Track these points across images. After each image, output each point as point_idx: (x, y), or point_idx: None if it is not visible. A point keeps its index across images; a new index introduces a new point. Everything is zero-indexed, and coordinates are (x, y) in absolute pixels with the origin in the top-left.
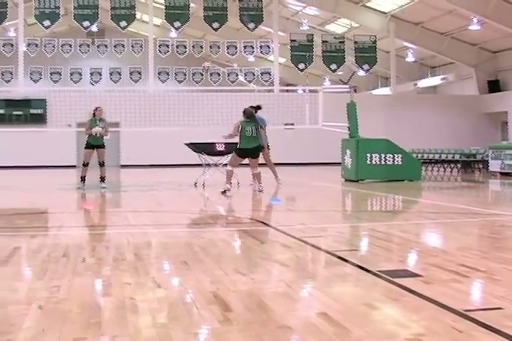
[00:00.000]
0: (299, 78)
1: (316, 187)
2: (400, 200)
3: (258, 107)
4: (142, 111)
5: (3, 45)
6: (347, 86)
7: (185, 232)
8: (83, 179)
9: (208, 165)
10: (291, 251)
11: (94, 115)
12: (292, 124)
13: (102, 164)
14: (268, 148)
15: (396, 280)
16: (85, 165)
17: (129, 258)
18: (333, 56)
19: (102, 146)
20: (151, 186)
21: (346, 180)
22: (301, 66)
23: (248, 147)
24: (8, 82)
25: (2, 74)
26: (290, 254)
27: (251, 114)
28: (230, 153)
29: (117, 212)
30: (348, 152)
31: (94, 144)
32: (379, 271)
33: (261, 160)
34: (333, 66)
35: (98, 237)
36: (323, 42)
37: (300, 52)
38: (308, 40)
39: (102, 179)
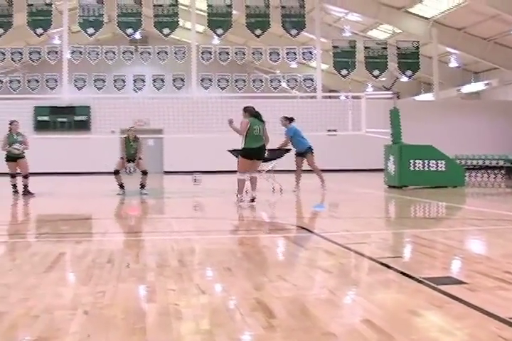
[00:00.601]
0: (342, 84)
1: (359, 193)
2: (443, 207)
3: (291, 119)
4: (185, 118)
5: (48, 53)
6: (390, 92)
7: (229, 239)
8: (121, 186)
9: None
10: (335, 258)
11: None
12: (335, 131)
13: (144, 173)
14: (312, 153)
15: (440, 287)
16: (116, 173)
17: (173, 264)
18: (376, 62)
19: (140, 157)
20: (194, 192)
21: (389, 186)
22: (344, 72)
23: (254, 146)
24: (52, 89)
25: (47, 82)
26: (333, 261)
27: (255, 112)
28: (273, 159)
29: (161, 219)
30: (391, 158)
31: (131, 159)
32: (423, 278)
33: (305, 166)
34: (376, 72)
35: (142, 243)
36: (365, 48)
37: (342, 59)
38: (350, 47)
39: (142, 186)
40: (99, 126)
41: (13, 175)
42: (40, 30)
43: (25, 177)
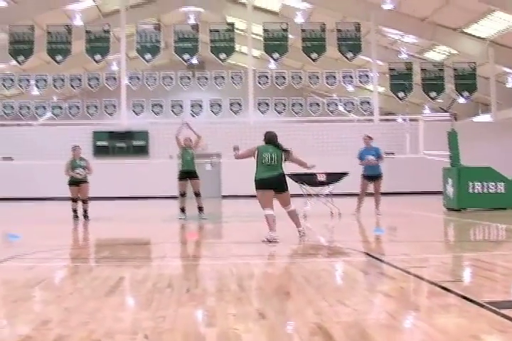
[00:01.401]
0: (399, 107)
1: (417, 216)
2: (503, 229)
3: (370, 138)
4: (243, 142)
5: (107, 79)
6: (447, 114)
7: (288, 263)
8: (183, 210)
9: (309, 195)
10: (395, 282)
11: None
12: (392, 153)
13: (197, 194)
14: (381, 177)
15: (502, 311)
16: (183, 195)
17: (232, 288)
18: (433, 84)
19: (196, 176)
20: (252, 216)
21: (448, 209)
22: (401, 95)
23: (266, 177)
24: (111, 114)
25: (105, 107)
26: (393, 285)
27: (271, 138)
28: (331, 183)
29: (220, 243)
30: (450, 181)
31: (188, 175)
32: (484, 302)
33: (358, 189)
34: (433, 94)
35: (201, 268)
36: (422, 70)
37: (399, 81)
38: (407, 69)
39: (200, 209)
40: (157, 150)
41: (74, 200)
42: (98, 57)
43: (85, 201)
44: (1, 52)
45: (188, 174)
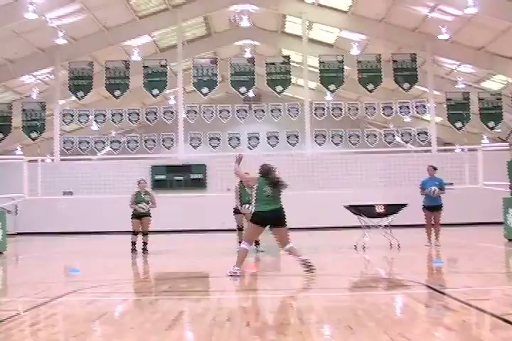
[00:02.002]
0: (457, 137)
1: (478, 247)
2: None
3: (435, 168)
4: (300, 174)
5: (164, 113)
6: (506, 143)
7: (348, 296)
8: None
9: (368, 227)
10: (457, 315)
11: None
12: (451, 184)
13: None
14: (441, 208)
15: None
16: (240, 229)
17: (293, 322)
18: (491, 113)
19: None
20: (311, 249)
21: (509, 239)
22: (459, 125)
23: (266, 210)
24: (169, 148)
25: (163, 141)
26: (455, 318)
27: (267, 171)
28: (390, 215)
29: (279, 276)
30: (511, 211)
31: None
32: None
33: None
34: (491, 124)
35: (261, 301)
36: (479, 99)
37: (457, 111)
38: (464, 99)
39: (257, 242)
40: (215, 184)
41: (135, 233)
42: (156, 91)
43: (145, 234)
44: (61, 89)
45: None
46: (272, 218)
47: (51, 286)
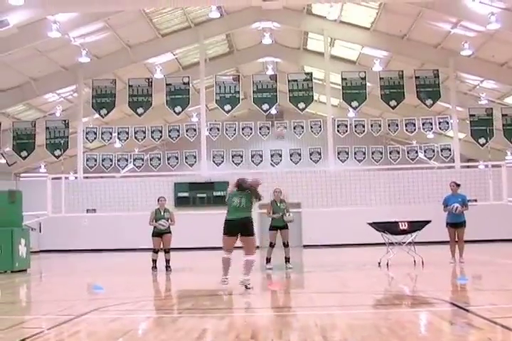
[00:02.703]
0: (480, 153)
1: (502, 264)
2: None
3: (458, 185)
4: (323, 191)
5: (187, 130)
6: None
7: (372, 313)
8: (269, 260)
9: (392, 243)
10: (482, 333)
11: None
12: (475, 200)
13: (286, 245)
14: (464, 225)
15: None
16: (272, 246)
17: (317, 340)
18: None
19: (286, 227)
20: (334, 266)
21: None
22: (482, 141)
23: (234, 218)
24: (191, 165)
25: (186, 158)
26: (480, 336)
27: (239, 184)
28: (413, 231)
29: (302, 293)
30: None
31: (278, 225)
32: None
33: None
34: None
35: (284, 319)
36: (503, 115)
37: (480, 127)
38: (487, 114)
39: (287, 259)
40: None
41: (155, 250)
42: (178, 109)
43: (167, 251)
44: (85, 106)
45: (278, 226)
46: (239, 226)
47: (74, 304)
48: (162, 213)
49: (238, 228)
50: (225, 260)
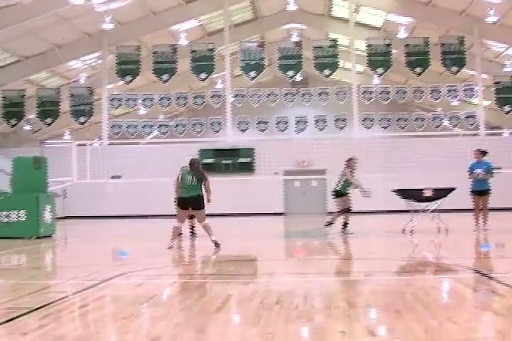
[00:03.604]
0: (505, 121)
1: None
2: None
3: (484, 152)
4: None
5: (212, 97)
6: None
7: (396, 280)
8: (346, 225)
9: (416, 211)
10: (505, 300)
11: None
12: (500, 168)
13: (345, 211)
14: (489, 193)
15: None
16: (349, 211)
17: (341, 305)
18: None
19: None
20: (358, 233)
21: None
22: (507, 108)
23: (183, 196)
24: (216, 132)
25: (211, 125)
26: (503, 303)
27: (191, 164)
28: (438, 199)
29: (327, 259)
30: None
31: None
32: None
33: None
34: None
35: (310, 285)
36: None
37: (505, 94)
38: None
39: (345, 225)
40: (263, 167)
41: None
42: (203, 75)
43: (191, 217)
44: (109, 73)
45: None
46: (191, 202)
47: (100, 269)
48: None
49: (190, 205)
50: (176, 229)
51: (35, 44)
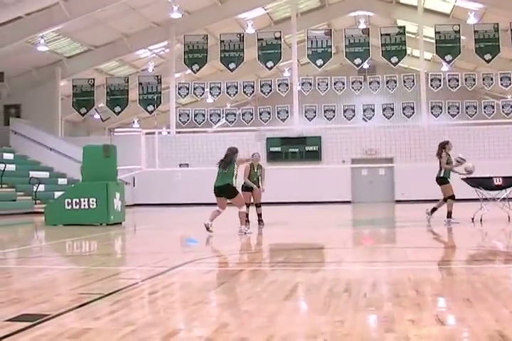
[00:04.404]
0: None
1: None
2: None
3: None
4: (416, 146)
5: (279, 85)
6: None
7: (466, 269)
8: (450, 214)
9: (486, 199)
10: None
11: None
12: None
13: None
14: None
15: None
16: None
17: (410, 294)
18: None
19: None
20: (425, 221)
21: None
22: None
23: (215, 185)
24: (283, 120)
25: (278, 113)
26: None
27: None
28: (508, 187)
29: (395, 248)
30: None
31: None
32: None
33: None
34: None
35: (378, 273)
36: None
37: None
38: None
39: (449, 214)
40: (330, 155)
41: (247, 205)
42: (270, 64)
43: (258, 206)
44: (177, 62)
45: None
46: (218, 191)
47: (169, 256)
48: (255, 170)
49: (219, 193)
50: (241, 214)
51: (104, 34)
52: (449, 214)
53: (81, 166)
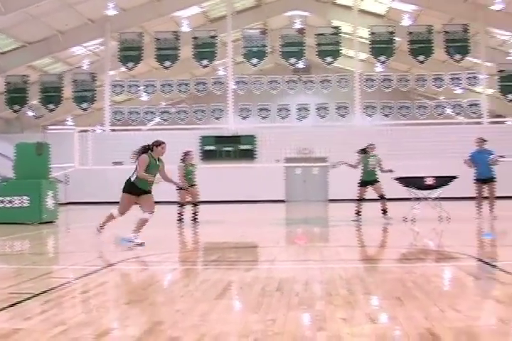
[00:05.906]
0: (508, 109)
1: None
2: None
3: (482, 140)
4: (349, 146)
5: (213, 84)
6: None
7: (397, 267)
8: (359, 213)
9: (418, 199)
10: (508, 288)
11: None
12: (503, 156)
13: (381, 197)
14: (495, 180)
15: None
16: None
17: (342, 292)
18: None
19: (377, 181)
20: (359, 221)
21: None
22: (510, 96)
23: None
24: (218, 119)
25: (213, 112)
26: (505, 290)
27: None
28: (439, 187)
29: (328, 247)
30: None
31: (369, 180)
32: None
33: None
34: None
35: (310, 272)
36: None
37: (509, 83)
38: None
39: (384, 211)
40: (265, 154)
41: (182, 204)
42: (205, 62)
43: (195, 204)
44: (112, 59)
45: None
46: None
47: (101, 255)
48: (190, 168)
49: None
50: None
51: (39, 30)
52: (358, 213)
53: (13, 164)
